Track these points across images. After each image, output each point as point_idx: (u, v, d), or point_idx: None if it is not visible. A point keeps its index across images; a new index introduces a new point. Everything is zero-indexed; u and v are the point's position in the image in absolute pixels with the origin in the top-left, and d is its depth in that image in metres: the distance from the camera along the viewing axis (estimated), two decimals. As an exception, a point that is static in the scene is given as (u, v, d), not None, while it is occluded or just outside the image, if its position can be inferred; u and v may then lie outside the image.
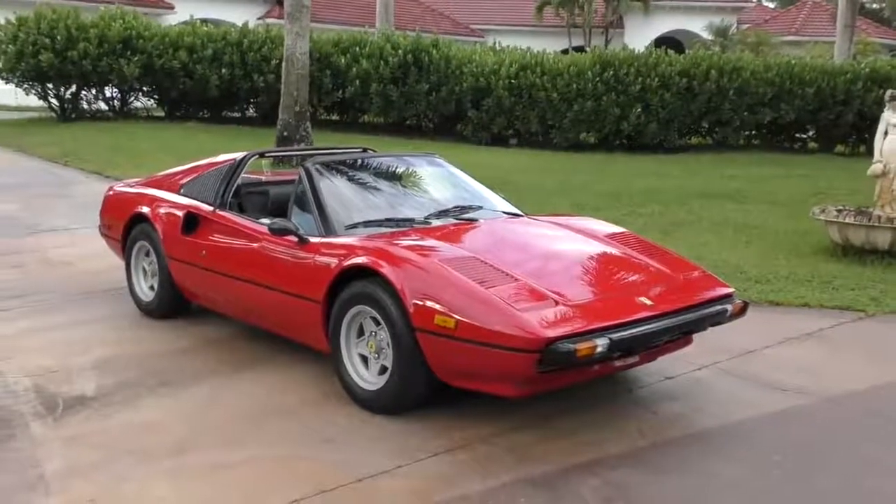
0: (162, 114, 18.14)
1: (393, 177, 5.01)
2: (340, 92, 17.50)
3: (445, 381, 3.67)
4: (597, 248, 4.33)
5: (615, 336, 3.41)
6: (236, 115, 18.61)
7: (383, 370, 3.81)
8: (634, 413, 3.92)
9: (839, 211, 7.47)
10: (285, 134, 12.73)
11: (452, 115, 17.64)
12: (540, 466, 3.36)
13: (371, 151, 5.51)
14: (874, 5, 37.65)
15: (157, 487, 3.19)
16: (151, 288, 5.28)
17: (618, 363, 3.79)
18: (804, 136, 18.12)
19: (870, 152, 9.14)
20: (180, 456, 3.43)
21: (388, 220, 4.40)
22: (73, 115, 17.22)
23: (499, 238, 4.29)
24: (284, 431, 3.67)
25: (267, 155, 5.67)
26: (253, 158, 5.16)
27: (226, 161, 5.15)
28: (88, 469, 3.30)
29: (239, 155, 5.14)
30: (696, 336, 4.18)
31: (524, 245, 4.23)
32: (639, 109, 16.46)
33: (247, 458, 3.42)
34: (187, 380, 4.26)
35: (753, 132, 17.91)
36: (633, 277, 4.06)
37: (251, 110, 18.55)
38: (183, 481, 3.24)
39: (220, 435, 3.64)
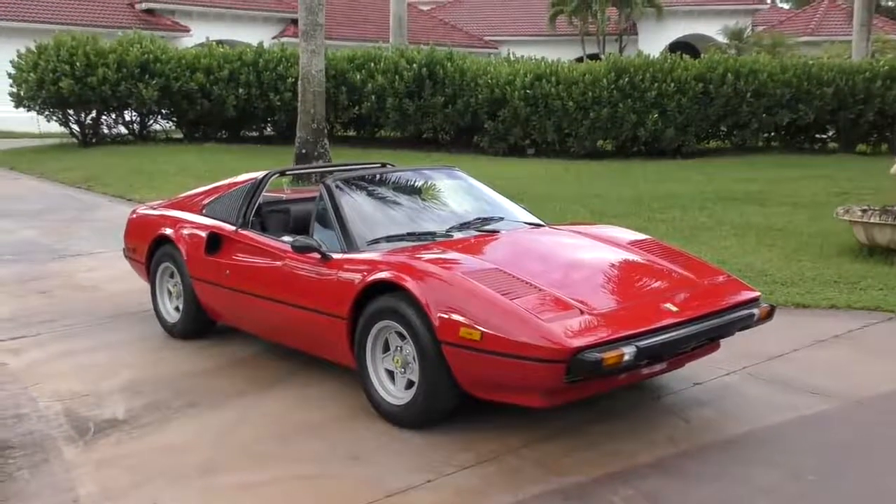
0: (181, 135, 18.32)
1: (413, 191, 5.02)
2: (357, 108, 17.61)
3: (472, 393, 3.66)
4: (620, 255, 4.31)
5: (642, 344, 3.39)
6: (254, 134, 18.75)
7: (410, 384, 3.80)
8: (664, 420, 3.89)
9: (864, 211, 7.39)
10: (303, 151, 12.81)
11: (469, 127, 17.68)
12: (570, 478, 3.33)
13: (390, 166, 5.52)
14: (890, 3, 37.36)
15: (188, 508, 3.20)
16: (177, 309, 5.31)
17: (645, 371, 3.77)
18: (824, 136, 17.98)
19: (892, 150, 9.08)
20: (210, 476, 3.44)
21: (409, 234, 4.41)
22: (94, 140, 17.43)
23: (521, 249, 4.28)
24: (312, 449, 3.67)
25: (287, 173, 5.69)
26: (274, 177, 5.19)
27: (247, 180, 5.18)
28: (121, 492, 3.32)
29: (259, 174, 5.16)
30: (723, 341, 4.14)
31: (547, 255, 4.21)
32: (655, 115, 16.41)
33: (276, 476, 3.43)
34: (215, 400, 4.28)
35: (772, 134, 17.82)
36: (658, 284, 4.04)
37: (269, 129, 18.69)
38: (215, 501, 3.25)
39: (248, 454, 3.64)
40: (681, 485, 3.29)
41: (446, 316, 3.55)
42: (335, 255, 4.18)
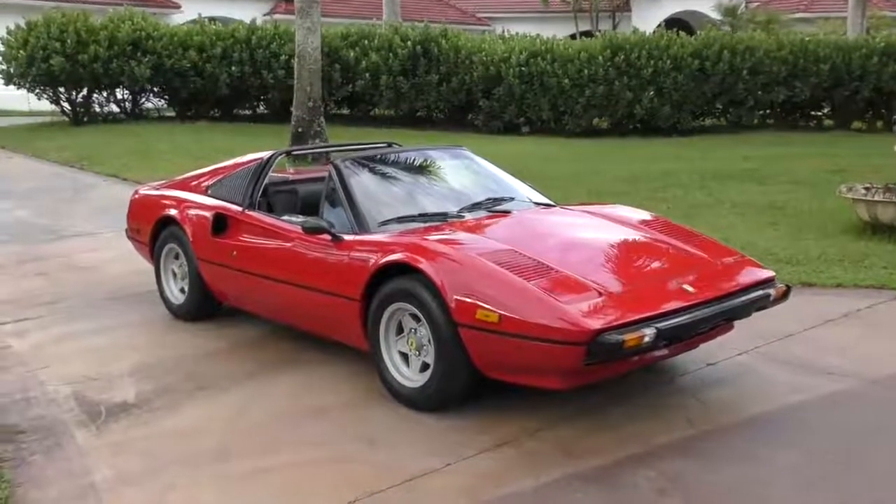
0: (173, 114, 18.13)
1: (422, 171, 4.95)
2: (350, 86, 17.45)
3: (489, 375, 3.62)
4: (633, 235, 4.28)
5: (662, 325, 3.35)
6: (247, 112, 18.56)
7: (425, 367, 3.77)
8: (680, 401, 3.87)
9: (867, 189, 7.37)
10: (300, 130, 12.68)
11: (463, 105, 17.56)
12: (590, 460, 3.31)
13: (396, 145, 5.46)
14: (883, -22, 37.15)
15: (205, 494, 3.16)
16: (182, 291, 5.25)
17: (661, 352, 3.74)
18: (819, 113, 17.95)
19: (887, 128, 9.05)
20: (225, 461, 3.41)
21: (421, 214, 4.35)
22: (86, 119, 17.21)
23: (534, 229, 4.23)
24: (325, 432, 3.64)
25: (294, 153, 5.61)
26: (280, 157, 5.12)
27: (252, 161, 5.11)
28: (136, 477, 3.28)
29: (266, 154, 5.09)
30: (737, 321, 4.12)
31: (560, 235, 4.17)
32: (651, 92, 16.34)
33: (291, 460, 3.39)
34: (224, 383, 4.24)
35: (768, 111, 17.78)
36: (673, 264, 4.00)
37: (262, 107, 18.51)
38: (231, 486, 3.21)
39: (262, 438, 3.61)
40: (702, 466, 3.27)
41: (462, 298, 3.50)
42: (346, 237, 4.13)
